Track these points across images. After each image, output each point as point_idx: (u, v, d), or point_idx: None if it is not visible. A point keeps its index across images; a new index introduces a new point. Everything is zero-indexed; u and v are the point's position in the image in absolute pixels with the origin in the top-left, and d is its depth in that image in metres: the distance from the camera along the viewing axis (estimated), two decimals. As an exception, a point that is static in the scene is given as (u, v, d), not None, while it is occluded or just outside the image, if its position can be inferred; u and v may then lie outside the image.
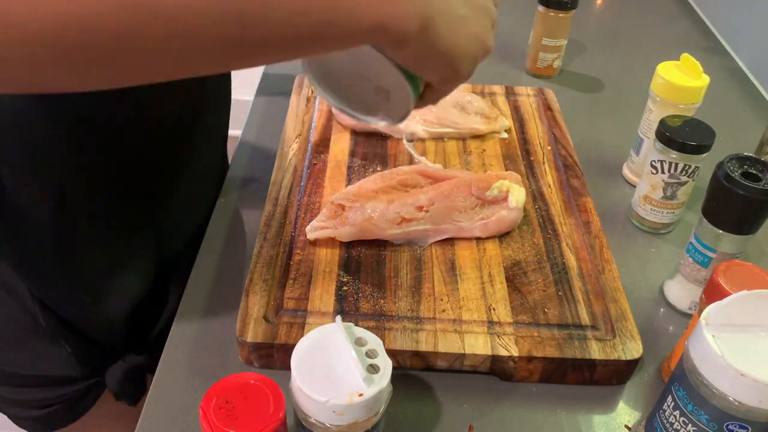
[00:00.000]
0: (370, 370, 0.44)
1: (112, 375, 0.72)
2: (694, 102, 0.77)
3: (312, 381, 0.43)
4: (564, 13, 0.98)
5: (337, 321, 0.46)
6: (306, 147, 0.80)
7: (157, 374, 0.58)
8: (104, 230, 0.63)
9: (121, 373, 0.72)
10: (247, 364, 0.59)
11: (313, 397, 0.42)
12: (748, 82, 1.09)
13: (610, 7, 1.33)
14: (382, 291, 0.62)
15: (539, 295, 0.63)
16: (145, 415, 0.55)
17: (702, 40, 1.21)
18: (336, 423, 0.43)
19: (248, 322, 0.58)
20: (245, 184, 0.78)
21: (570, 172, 0.78)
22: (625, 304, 0.61)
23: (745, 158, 0.60)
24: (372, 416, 0.44)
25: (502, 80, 1.01)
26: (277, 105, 0.92)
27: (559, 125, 0.86)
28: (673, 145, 0.69)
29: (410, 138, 0.83)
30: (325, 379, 0.43)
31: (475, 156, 0.81)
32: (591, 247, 0.68)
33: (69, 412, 0.72)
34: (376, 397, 0.43)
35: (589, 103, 1.00)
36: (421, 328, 0.58)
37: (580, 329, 0.60)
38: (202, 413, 0.43)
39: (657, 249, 0.74)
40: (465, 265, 0.66)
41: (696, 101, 0.77)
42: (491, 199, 0.69)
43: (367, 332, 0.47)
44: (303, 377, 0.43)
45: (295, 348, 0.45)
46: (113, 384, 0.72)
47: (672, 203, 0.73)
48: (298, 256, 0.65)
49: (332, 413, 0.42)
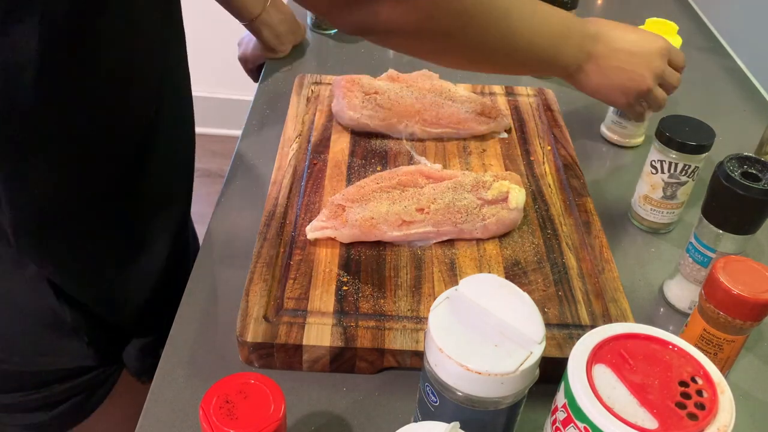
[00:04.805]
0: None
1: (128, 355, 0.74)
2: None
3: None
4: (564, 13, 0.98)
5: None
6: (306, 147, 0.80)
7: (157, 374, 0.58)
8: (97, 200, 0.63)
9: (136, 351, 0.74)
10: (247, 364, 0.59)
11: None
12: (748, 82, 1.09)
13: (610, 7, 1.33)
14: (382, 291, 0.62)
15: (539, 295, 0.63)
16: (145, 415, 0.55)
17: (702, 40, 1.21)
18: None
19: (248, 322, 0.58)
20: (245, 184, 0.78)
21: (570, 172, 0.78)
22: (625, 304, 0.61)
23: (745, 158, 0.60)
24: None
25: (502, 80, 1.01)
26: (277, 105, 0.92)
27: (559, 125, 0.86)
28: (673, 145, 0.69)
29: (410, 138, 0.83)
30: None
31: (475, 156, 0.81)
32: (591, 247, 0.68)
33: (82, 407, 0.72)
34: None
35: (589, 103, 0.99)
36: (421, 328, 0.59)
37: (580, 329, 0.60)
38: (202, 413, 0.43)
39: (657, 249, 0.74)
40: (465, 265, 0.66)
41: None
42: (491, 199, 0.69)
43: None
44: None
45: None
46: (131, 362, 0.74)
47: (672, 203, 0.73)
48: (298, 256, 0.65)
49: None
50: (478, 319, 0.44)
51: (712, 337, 0.54)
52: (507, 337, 0.43)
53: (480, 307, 0.44)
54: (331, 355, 0.57)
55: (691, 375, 0.41)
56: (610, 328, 0.44)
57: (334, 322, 0.58)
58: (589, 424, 0.39)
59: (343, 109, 0.82)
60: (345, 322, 0.59)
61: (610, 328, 0.44)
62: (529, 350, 0.43)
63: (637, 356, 0.42)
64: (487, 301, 0.45)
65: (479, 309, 0.44)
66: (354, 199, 0.68)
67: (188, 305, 0.64)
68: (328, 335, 0.57)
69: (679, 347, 0.42)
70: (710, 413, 0.38)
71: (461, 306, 0.45)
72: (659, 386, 0.40)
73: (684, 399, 0.39)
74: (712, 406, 0.39)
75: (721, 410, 0.39)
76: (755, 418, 0.58)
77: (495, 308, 0.44)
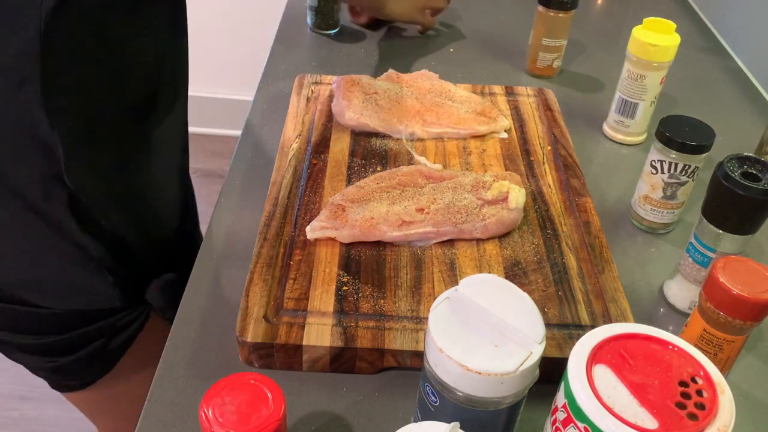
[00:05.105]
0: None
1: (151, 294, 0.77)
2: (665, 60, 0.84)
3: None
4: (564, 13, 0.98)
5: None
6: (306, 147, 0.80)
7: (157, 374, 0.58)
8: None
9: (159, 289, 0.78)
10: (247, 364, 0.59)
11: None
12: (748, 82, 1.09)
13: (610, 7, 1.33)
14: (382, 291, 0.62)
15: (539, 295, 0.63)
16: (145, 415, 0.55)
17: (702, 40, 1.21)
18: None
19: (248, 322, 0.58)
20: (245, 184, 0.78)
21: (570, 172, 0.78)
22: (625, 304, 0.62)
23: (745, 158, 0.60)
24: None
25: (502, 80, 1.01)
26: (277, 105, 0.92)
27: (559, 125, 0.86)
28: (673, 145, 0.69)
29: (410, 138, 0.83)
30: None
31: (475, 156, 0.81)
32: (591, 247, 0.68)
33: (105, 350, 0.75)
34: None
35: (589, 103, 1.00)
36: (421, 328, 0.59)
37: (580, 329, 0.60)
38: (202, 413, 0.43)
39: (657, 249, 0.74)
40: (465, 265, 0.66)
41: (668, 59, 0.84)
42: (491, 199, 0.69)
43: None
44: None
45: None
46: (155, 300, 0.77)
47: (672, 203, 0.73)
48: (298, 256, 0.65)
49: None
50: (478, 319, 0.44)
51: (712, 337, 0.54)
52: (507, 337, 0.43)
53: (480, 307, 0.44)
54: (331, 355, 0.57)
55: (691, 375, 0.41)
56: (610, 328, 0.44)
57: (334, 322, 0.58)
58: (589, 424, 0.39)
59: (343, 109, 0.82)
60: (345, 322, 0.59)
61: (610, 328, 0.44)
62: (529, 350, 0.43)
63: (637, 356, 0.42)
64: (487, 301, 0.45)
65: (479, 309, 0.44)
66: (354, 199, 0.68)
67: (188, 305, 0.64)
68: (328, 335, 0.57)
69: (679, 347, 0.42)
70: (710, 413, 0.38)
71: (461, 306, 0.45)
72: (659, 386, 0.40)
73: (684, 399, 0.39)
74: (712, 406, 0.39)
75: (721, 410, 0.39)
76: (755, 418, 0.58)
77: (495, 308, 0.44)
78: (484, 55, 1.10)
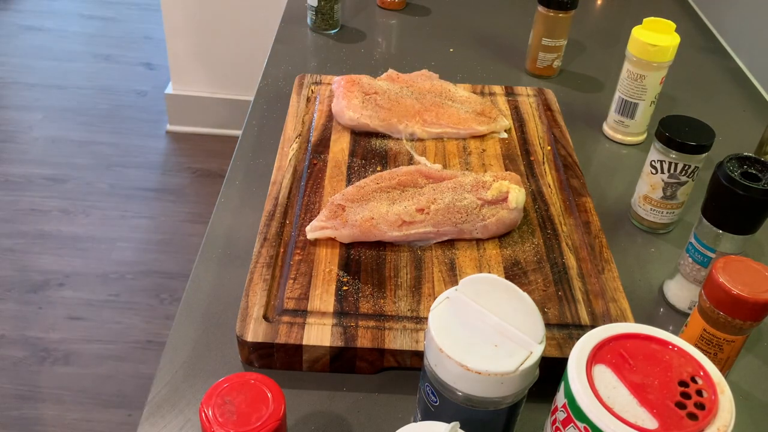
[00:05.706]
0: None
1: None
2: (664, 60, 0.84)
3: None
4: (564, 13, 0.98)
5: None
6: (306, 147, 0.80)
7: (157, 374, 0.58)
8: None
9: None
10: (247, 364, 0.59)
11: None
12: (748, 82, 1.09)
13: (610, 7, 1.33)
14: (382, 291, 0.62)
15: (539, 295, 0.63)
16: (145, 415, 0.55)
17: (702, 40, 1.21)
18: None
19: (248, 322, 0.58)
20: (245, 185, 0.78)
21: (570, 172, 0.78)
22: (624, 303, 0.62)
23: (744, 158, 0.60)
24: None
25: (502, 80, 1.01)
26: (277, 105, 0.92)
27: (559, 125, 0.86)
28: (673, 145, 0.69)
29: (410, 138, 0.83)
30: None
31: (475, 156, 0.81)
32: (591, 247, 0.68)
33: None
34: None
35: (589, 103, 1.00)
36: (421, 328, 0.59)
37: (580, 329, 0.60)
38: (202, 413, 0.43)
39: (657, 249, 0.74)
40: (465, 265, 0.66)
41: (668, 59, 0.84)
42: (491, 199, 0.69)
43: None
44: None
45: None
46: None
47: (672, 203, 0.73)
48: (298, 256, 0.65)
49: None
50: (478, 319, 0.44)
51: (712, 337, 0.54)
52: (507, 337, 0.43)
53: (480, 308, 0.44)
54: (331, 355, 0.57)
55: (691, 375, 0.41)
56: (610, 328, 0.44)
57: (334, 322, 0.59)
58: (589, 424, 0.39)
59: (343, 109, 0.82)
60: (345, 322, 0.59)
61: (610, 328, 0.44)
62: (529, 350, 0.43)
63: (637, 356, 0.42)
64: (487, 301, 0.45)
65: (479, 309, 0.44)
66: (354, 199, 0.68)
67: (188, 305, 0.64)
68: (328, 335, 0.57)
69: (679, 347, 0.42)
70: (710, 413, 0.38)
71: (461, 306, 0.45)
72: (659, 386, 0.40)
73: (684, 399, 0.39)
74: (712, 406, 0.39)
75: (721, 410, 0.39)
76: (755, 418, 0.58)
77: (495, 308, 0.44)
78: (484, 55, 1.10)
